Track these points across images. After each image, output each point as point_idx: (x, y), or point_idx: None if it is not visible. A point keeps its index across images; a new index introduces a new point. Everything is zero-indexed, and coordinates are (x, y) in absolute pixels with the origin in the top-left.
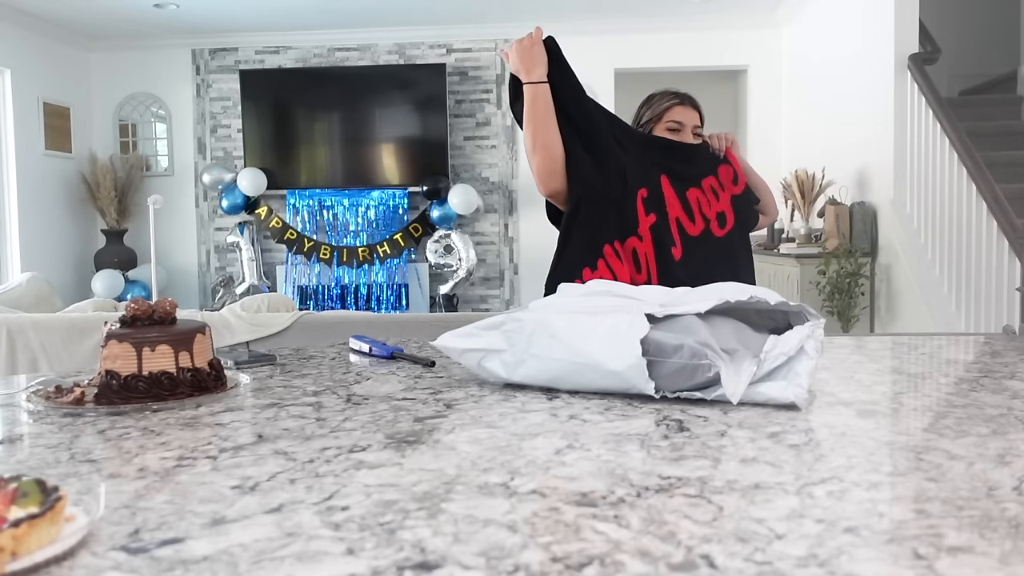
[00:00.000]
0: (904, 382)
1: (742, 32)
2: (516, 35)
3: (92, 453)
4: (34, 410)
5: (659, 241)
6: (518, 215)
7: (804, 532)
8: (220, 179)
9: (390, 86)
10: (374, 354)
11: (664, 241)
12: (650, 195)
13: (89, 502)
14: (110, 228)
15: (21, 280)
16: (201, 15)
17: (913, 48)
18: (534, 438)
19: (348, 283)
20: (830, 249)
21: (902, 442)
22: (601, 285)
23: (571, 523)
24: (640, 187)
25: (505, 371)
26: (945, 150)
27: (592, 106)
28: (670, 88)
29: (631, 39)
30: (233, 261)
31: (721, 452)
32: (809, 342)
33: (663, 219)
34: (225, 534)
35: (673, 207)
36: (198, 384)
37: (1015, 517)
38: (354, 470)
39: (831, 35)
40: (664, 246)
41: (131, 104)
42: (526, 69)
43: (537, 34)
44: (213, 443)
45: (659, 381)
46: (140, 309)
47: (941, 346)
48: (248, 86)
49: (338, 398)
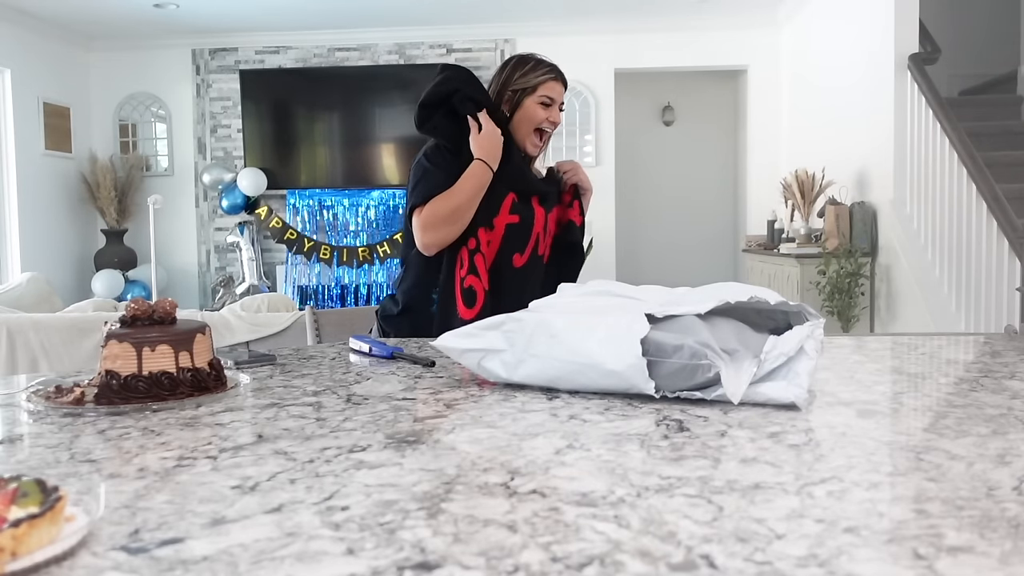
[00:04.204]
0: (904, 382)
1: (742, 32)
2: (516, 35)
3: (92, 453)
4: (34, 410)
5: (507, 240)
6: None
7: (804, 532)
8: (220, 179)
9: (390, 86)
10: (374, 354)
11: (513, 244)
12: (516, 202)
13: (89, 502)
14: (110, 228)
15: (21, 280)
16: (201, 15)
17: (913, 48)
18: (534, 438)
19: (348, 283)
20: (830, 249)
21: (902, 442)
22: (601, 285)
23: (571, 523)
24: (509, 191)
25: (505, 371)
26: (945, 150)
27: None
28: (542, 58)
29: (631, 39)
30: (233, 261)
31: (721, 452)
32: (809, 342)
33: (525, 226)
34: (225, 534)
35: (538, 223)
36: (198, 384)
37: (1015, 517)
38: (354, 470)
39: (831, 35)
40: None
41: (131, 104)
42: (493, 157)
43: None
44: (213, 443)
45: (659, 381)
46: (140, 309)
47: (941, 346)
48: (248, 86)
49: (338, 398)
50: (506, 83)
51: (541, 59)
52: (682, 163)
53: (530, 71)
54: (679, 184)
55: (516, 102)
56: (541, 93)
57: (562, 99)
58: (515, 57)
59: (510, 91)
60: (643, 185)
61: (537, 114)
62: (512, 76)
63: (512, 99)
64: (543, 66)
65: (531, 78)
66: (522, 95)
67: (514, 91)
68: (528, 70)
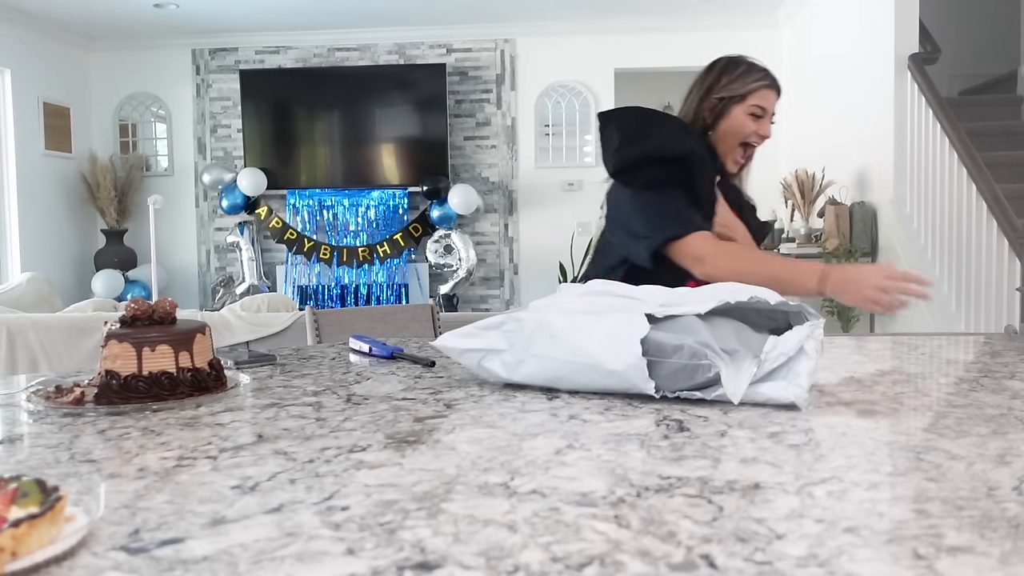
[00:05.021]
0: (904, 382)
1: (742, 32)
2: (516, 35)
3: (92, 453)
4: (34, 410)
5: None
6: (518, 215)
7: (804, 532)
8: (220, 179)
9: (390, 86)
10: (374, 354)
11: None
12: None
13: (89, 502)
14: (110, 228)
15: (21, 280)
16: (201, 15)
17: (913, 48)
18: (534, 438)
19: (348, 283)
20: (830, 249)
21: (902, 442)
22: (601, 285)
23: (571, 523)
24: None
25: (505, 371)
26: (945, 150)
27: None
28: (754, 61)
29: (631, 39)
30: (233, 261)
31: (721, 452)
32: (809, 342)
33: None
34: (225, 534)
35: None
36: (198, 384)
37: (1015, 517)
38: (354, 470)
39: (831, 35)
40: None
41: (131, 104)
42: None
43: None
44: (213, 443)
45: (659, 381)
46: (140, 309)
47: (941, 346)
48: (248, 86)
49: (338, 398)
50: (712, 88)
51: (754, 63)
52: None
53: (741, 76)
54: None
55: (722, 110)
56: (752, 102)
57: (775, 110)
58: (724, 59)
59: (716, 97)
60: None
61: (745, 126)
62: (720, 80)
63: (717, 107)
64: (756, 71)
65: (742, 84)
66: (729, 103)
67: (720, 98)
68: (739, 75)
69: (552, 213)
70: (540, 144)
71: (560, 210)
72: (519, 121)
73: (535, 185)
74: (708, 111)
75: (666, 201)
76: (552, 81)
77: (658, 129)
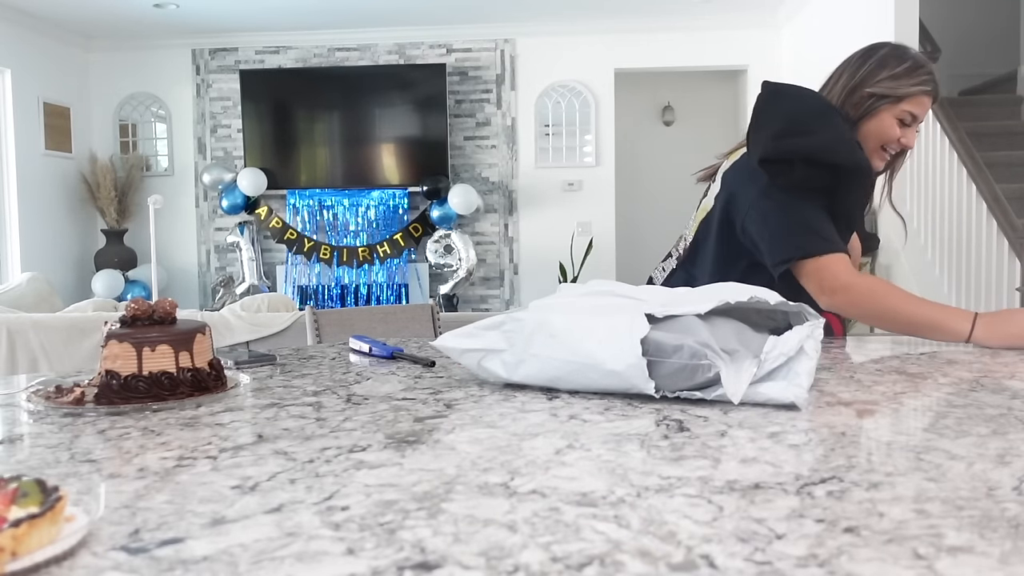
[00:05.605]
0: (904, 382)
1: (742, 32)
2: (516, 35)
3: (92, 453)
4: (34, 410)
5: None
6: (518, 215)
7: (804, 532)
8: (220, 179)
9: (390, 86)
10: (374, 354)
11: None
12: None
13: (89, 502)
14: (110, 228)
15: (21, 280)
16: (201, 15)
17: (913, 48)
18: (534, 438)
19: (348, 283)
20: None
21: (902, 442)
22: (601, 285)
23: (571, 523)
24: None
25: (505, 371)
26: (945, 150)
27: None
28: (918, 57)
29: (631, 39)
30: (233, 261)
31: (721, 452)
32: (809, 342)
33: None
34: (225, 534)
35: None
36: (198, 384)
37: (1015, 517)
38: (354, 470)
39: (831, 35)
40: None
41: (131, 104)
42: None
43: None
44: (213, 443)
45: (659, 381)
46: (140, 309)
47: (941, 346)
48: (248, 86)
49: (338, 398)
50: (866, 80)
51: (919, 60)
52: (682, 163)
53: (904, 75)
54: (679, 184)
55: (870, 108)
56: (906, 107)
57: (923, 118)
58: (887, 48)
59: (867, 91)
60: (643, 185)
61: (891, 131)
62: (878, 74)
63: (865, 102)
64: (920, 72)
65: (901, 85)
66: (881, 102)
67: (873, 94)
68: (901, 73)
69: (552, 213)
70: (540, 144)
71: (560, 210)
72: (519, 121)
73: (535, 185)
74: (854, 106)
75: (806, 210)
76: (552, 81)
77: (823, 126)
